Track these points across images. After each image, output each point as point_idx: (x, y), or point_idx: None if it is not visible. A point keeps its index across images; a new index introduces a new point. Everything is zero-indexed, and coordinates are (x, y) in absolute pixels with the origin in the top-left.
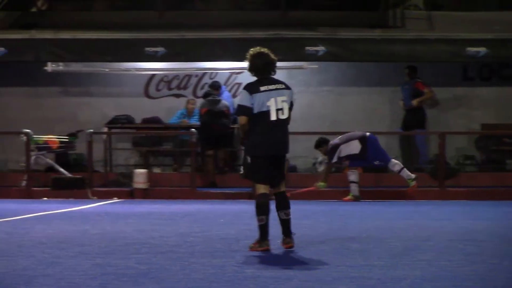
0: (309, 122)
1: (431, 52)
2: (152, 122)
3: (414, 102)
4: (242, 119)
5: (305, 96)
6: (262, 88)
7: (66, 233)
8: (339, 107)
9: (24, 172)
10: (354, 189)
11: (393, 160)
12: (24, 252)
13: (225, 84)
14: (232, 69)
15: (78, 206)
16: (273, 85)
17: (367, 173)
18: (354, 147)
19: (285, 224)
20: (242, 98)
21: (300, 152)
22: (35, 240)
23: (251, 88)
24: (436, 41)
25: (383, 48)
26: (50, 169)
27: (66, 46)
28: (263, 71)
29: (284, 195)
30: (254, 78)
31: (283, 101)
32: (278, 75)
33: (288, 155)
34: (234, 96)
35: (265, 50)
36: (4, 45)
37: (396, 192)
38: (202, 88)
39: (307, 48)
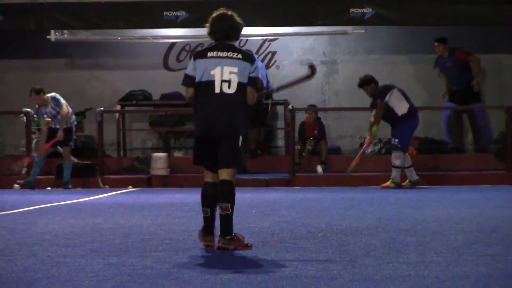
0: (355, 96)
1: (499, 13)
2: (173, 98)
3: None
4: (187, 91)
5: (350, 66)
6: (209, 54)
7: (74, 228)
8: (389, 78)
9: (24, 158)
10: (396, 175)
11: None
12: (25, 251)
13: (257, 53)
14: (265, 36)
15: (87, 197)
16: (224, 52)
17: (424, 155)
18: (403, 107)
19: (221, 221)
20: (188, 66)
21: (346, 131)
22: (38, 236)
23: (196, 54)
24: (504, 1)
25: (441, 9)
26: (54, 154)
27: (71, 11)
28: (220, 36)
29: (225, 184)
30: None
31: (231, 72)
32: (319, 40)
33: (332, 135)
34: (267, 66)
35: (229, 12)
36: (0, 11)
37: (456, 176)
38: None
39: (352, 10)
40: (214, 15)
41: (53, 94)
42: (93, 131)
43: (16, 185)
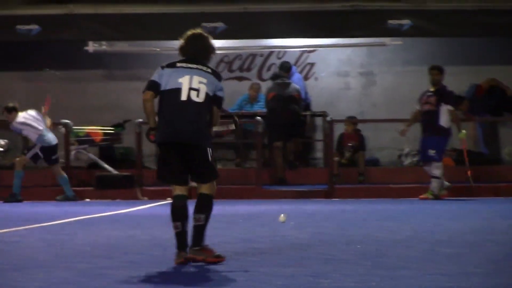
0: (393, 108)
1: None
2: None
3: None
4: (145, 95)
5: (388, 78)
6: (178, 64)
7: (113, 239)
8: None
9: (64, 169)
10: (435, 186)
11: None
12: (64, 263)
13: (295, 65)
14: (303, 47)
15: (126, 208)
16: (194, 65)
17: (460, 167)
18: (448, 121)
19: (194, 231)
20: (154, 73)
21: (384, 143)
22: (78, 248)
23: (166, 64)
24: None
25: (479, 21)
26: (93, 165)
27: (110, 22)
28: (190, 53)
29: (204, 197)
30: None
31: (201, 82)
32: (356, 52)
33: (370, 146)
34: (306, 78)
35: (205, 33)
36: (38, 22)
37: (495, 187)
38: (268, 69)
39: (390, 21)
40: (190, 33)
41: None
42: (132, 143)
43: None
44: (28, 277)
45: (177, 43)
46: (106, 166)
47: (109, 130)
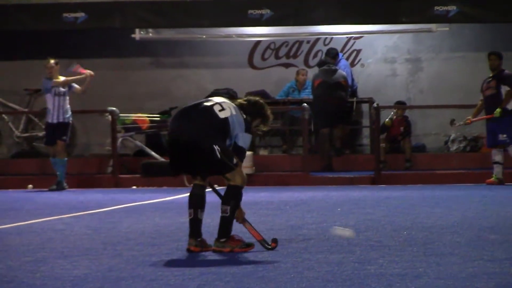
0: (439, 94)
1: None
2: (258, 96)
3: None
4: None
5: (435, 64)
6: None
7: (159, 227)
8: (474, 76)
9: (110, 157)
10: (499, 171)
11: None
12: (110, 250)
13: (341, 51)
14: (350, 34)
15: (173, 196)
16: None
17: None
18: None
19: (220, 222)
20: None
21: (430, 129)
22: (123, 236)
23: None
24: None
25: None
26: (140, 153)
27: (156, 9)
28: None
29: (228, 188)
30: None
31: (230, 107)
32: (403, 38)
33: (417, 133)
34: (352, 65)
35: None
36: (84, 10)
37: None
38: (315, 56)
39: (436, 7)
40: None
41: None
42: None
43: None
44: (73, 265)
45: (224, 30)
46: (153, 153)
47: (156, 117)
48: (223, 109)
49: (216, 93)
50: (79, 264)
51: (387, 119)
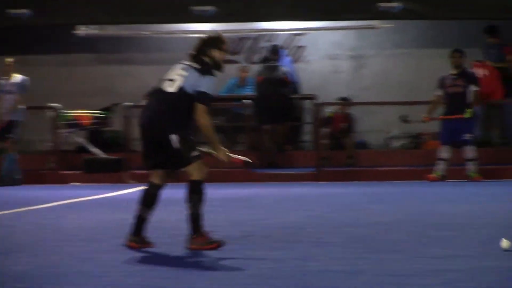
0: (383, 91)
1: None
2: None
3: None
4: None
5: (378, 61)
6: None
7: (101, 223)
8: (418, 72)
9: (52, 153)
10: (443, 168)
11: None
12: (52, 246)
13: (285, 48)
14: (293, 30)
15: (115, 192)
16: (189, 62)
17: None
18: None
19: (187, 220)
20: None
21: (372, 126)
22: (65, 232)
23: None
24: None
25: (471, 3)
26: (82, 149)
27: (100, 6)
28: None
29: (189, 184)
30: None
31: (179, 74)
32: (347, 35)
33: (359, 129)
34: (296, 61)
35: (214, 35)
36: (27, 6)
37: (488, 170)
38: (258, 52)
39: (380, 4)
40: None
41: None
42: (120, 126)
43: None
44: (14, 261)
45: (168, 26)
46: (95, 149)
47: (98, 113)
48: (172, 80)
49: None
50: (20, 260)
51: (329, 111)
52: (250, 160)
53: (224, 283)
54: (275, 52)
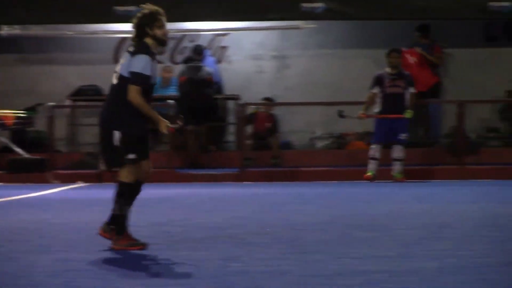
0: (306, 91)
1: (448, 8)
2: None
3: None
4: None
5: (302, 61)
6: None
7: (23, 223)
8: (342, 73)
9: None
10: (376, 167)
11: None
12: None
13: (208, 48)
14: (216, 31)
15: (38, 192)
16: (131, 47)
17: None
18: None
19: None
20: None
21: (296, 126)
22: None
23: None
24: None
25: (393, 4)
26: (5, 149)
27: (23, 5)
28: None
29: (118, 184)
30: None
31: (120, 63)
32: (270, 35)
33: (283, 129)
34: (219, 62)
35: (142, 11)
36: None
37: (412, 171)
38: (181, 53)
39: (303, 4)
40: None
41: None
42: (44, 126)
43: None
44: None
45: (90, 27)
46: (18, 149)
47: (21, 113)
48: (116, 72)
49: (82, 90)
50: None
51: (253, 107)
52: (180, 123)
53: (146, 283)
54: (198, 52)
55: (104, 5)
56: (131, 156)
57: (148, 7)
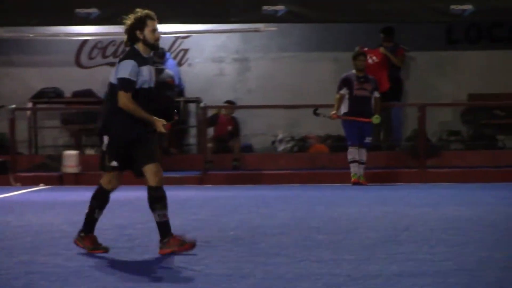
0: (268, 94)
1: (410, 11)
2: (85, 95)
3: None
4: None
5: (263, 64)
6: None
7: None
8: (303, 75)
9: None
10: (357, 169)
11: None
12: None
13: (169, 51)
14: (178, 33)
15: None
16: None
17: (337, 153)
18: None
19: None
20: None
21: (258, 129)
22: None
23: None
24: None
25: (354, 6)
26: None
27: None
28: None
29: (97, 187)
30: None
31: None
32: (231, 38)
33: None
34: (180, 64)
35: (133, 15)
36: None
37: (375, 174)
38: None
39: (265, 7)
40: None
41: None
42: (5, 129)
43: None
44: None
45: (51, 29)
46: None
47: None
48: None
49: (43, 92)
50: None
51: (215, 111)
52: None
53: (108, 285)
54: (159, 55)
55: (65, 7)
56: (114, 163)
57: (139, 11)
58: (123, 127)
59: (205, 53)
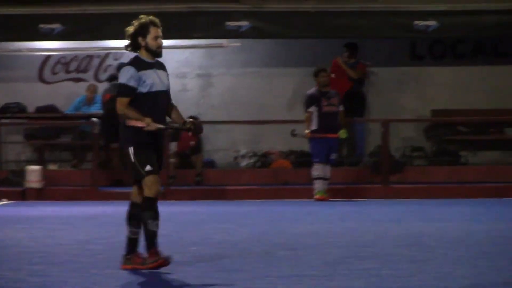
0: (231, 110)
1: (373, 27)
2: (48, 111)
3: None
4: None
5: (226, 79)
6: None
7: None
8: (267, 91)
9: None
10: (322, 186)
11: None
12: None
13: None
14: None
15: None
16: None
17: (300, 168)
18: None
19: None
20: None
21: (220, 145)
22: None
23: None
24: (379, 14)
25: (318, 22)
26: None
27: None
28: None
29: (143, 199)
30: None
31: None
32: (194, 53)
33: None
34: None
35: (133, 25)
36: None
37: (338, 190)
38: (105, 71)
39: (228, 23)
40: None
41: None
42: None
43: None
44: None
45: (14, 44)
46: None
47: None
48: None
49: (6, 107)
50: None
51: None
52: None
53: None
54: (119, 69)
55: (29, 23)
56: (147, 168)
57: (143, 17)
58: (133, 131)
59: (168, 69)
